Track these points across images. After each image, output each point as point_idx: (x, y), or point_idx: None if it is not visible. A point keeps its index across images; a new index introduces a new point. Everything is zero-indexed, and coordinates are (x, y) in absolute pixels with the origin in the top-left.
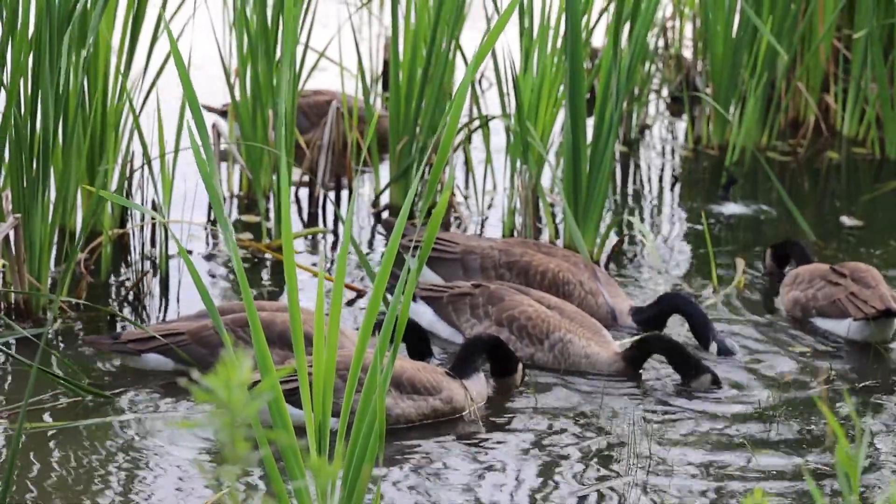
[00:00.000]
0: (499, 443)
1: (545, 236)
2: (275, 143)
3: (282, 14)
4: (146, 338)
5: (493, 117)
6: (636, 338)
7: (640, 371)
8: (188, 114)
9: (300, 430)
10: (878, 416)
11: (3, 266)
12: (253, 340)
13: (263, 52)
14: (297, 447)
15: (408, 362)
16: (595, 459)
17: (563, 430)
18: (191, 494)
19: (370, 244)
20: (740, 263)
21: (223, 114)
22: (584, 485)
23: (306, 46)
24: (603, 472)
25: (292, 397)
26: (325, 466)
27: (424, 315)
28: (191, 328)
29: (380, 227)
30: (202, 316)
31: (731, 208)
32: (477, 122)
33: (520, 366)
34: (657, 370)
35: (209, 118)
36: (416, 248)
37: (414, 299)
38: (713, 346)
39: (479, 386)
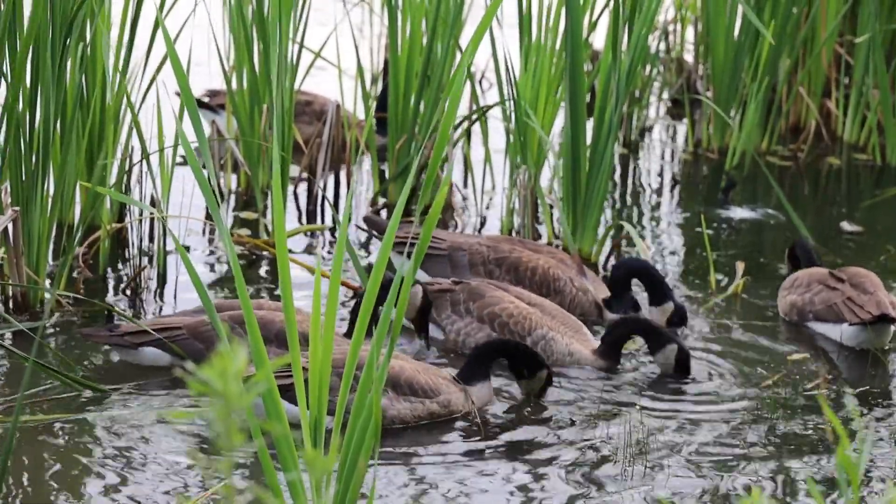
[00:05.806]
0: (493, 442)
1: (544, 237)
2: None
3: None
4: (143, 331)
5: (492, 105)
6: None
7: (619, 366)
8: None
9: (295, 427)
10: (876, 420)
11: (2, 259)
12: (248, 336)
13: (261, 46)
14: (291, 438)
15: (409, 363)
16: (590, 461)
17: (557, 431)
18: (186, 488)
19: (368, 241)
20: (740, 267)
21: (211, 108)
22: (579, 487)
23: (301, 44)
24: (599, 473)
25: (288, 393)
26: (320, 458)
27: None
28: (189, 323)
29: (363, 224)
30: (201, 311)
31: (731, 212)
32: (476, 116)
33: (544, 371)
34: (653, 370)
35: (207, 116)
36: (409, 244)
37: None
38: (669, 304)
39: (483, 394)
